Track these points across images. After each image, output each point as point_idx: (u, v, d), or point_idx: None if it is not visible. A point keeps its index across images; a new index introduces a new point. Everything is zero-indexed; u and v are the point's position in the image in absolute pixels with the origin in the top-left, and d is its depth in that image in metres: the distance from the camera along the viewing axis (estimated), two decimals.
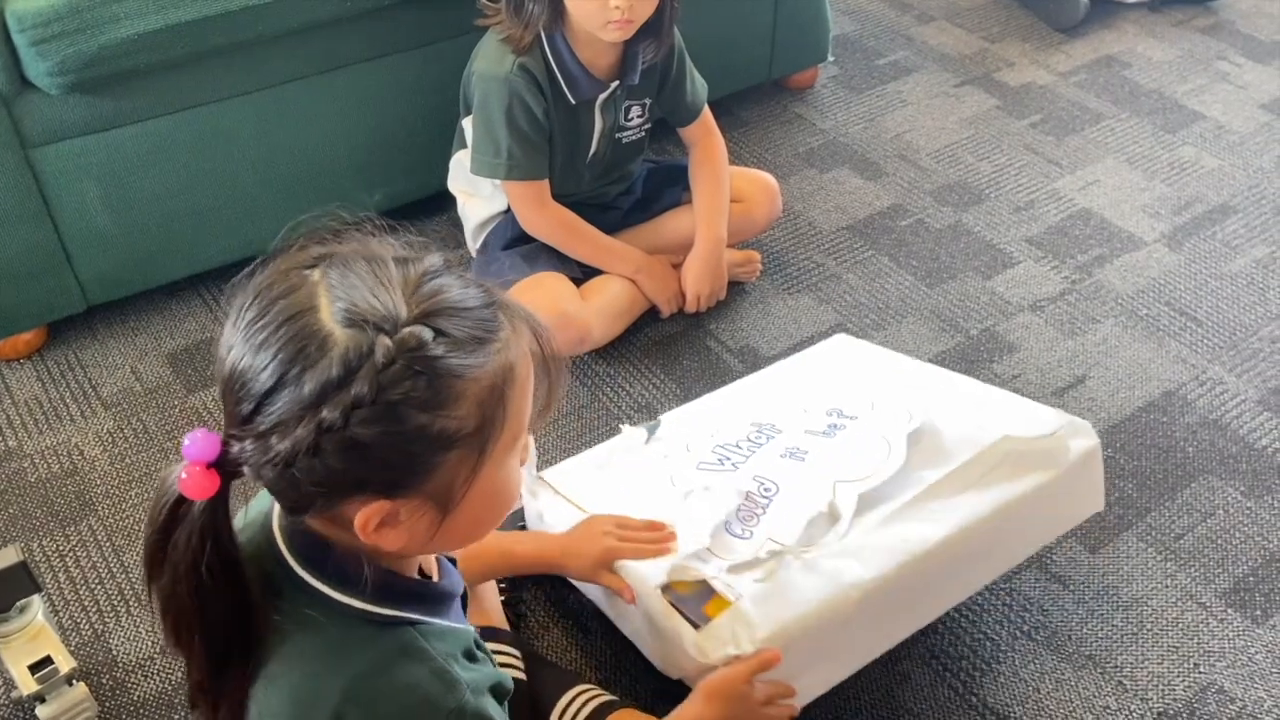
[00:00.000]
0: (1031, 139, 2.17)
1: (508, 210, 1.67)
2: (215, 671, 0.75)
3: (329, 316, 0.67)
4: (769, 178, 1.83)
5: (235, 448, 0.68)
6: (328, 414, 0.65)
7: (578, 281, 1.67)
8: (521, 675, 1.12)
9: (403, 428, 0.66)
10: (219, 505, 0.69)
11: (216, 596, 0.71)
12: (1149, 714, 1.25)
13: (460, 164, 1.69)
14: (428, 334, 0.67)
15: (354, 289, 0.67)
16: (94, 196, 1.58)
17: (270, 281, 0.70)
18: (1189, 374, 1.67)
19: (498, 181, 1.63)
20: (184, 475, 0.68)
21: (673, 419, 1.42)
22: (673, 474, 1.30)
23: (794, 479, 1.25)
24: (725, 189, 1.74)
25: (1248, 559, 1.41)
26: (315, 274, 0.69)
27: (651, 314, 1.75)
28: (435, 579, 0.85)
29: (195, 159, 1.64)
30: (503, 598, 1.29)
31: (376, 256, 0.70)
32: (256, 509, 0.81)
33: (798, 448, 1.30)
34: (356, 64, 1.70)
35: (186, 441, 0.68)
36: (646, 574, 1.16)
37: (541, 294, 1.61)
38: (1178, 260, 1.88)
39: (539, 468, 1.36)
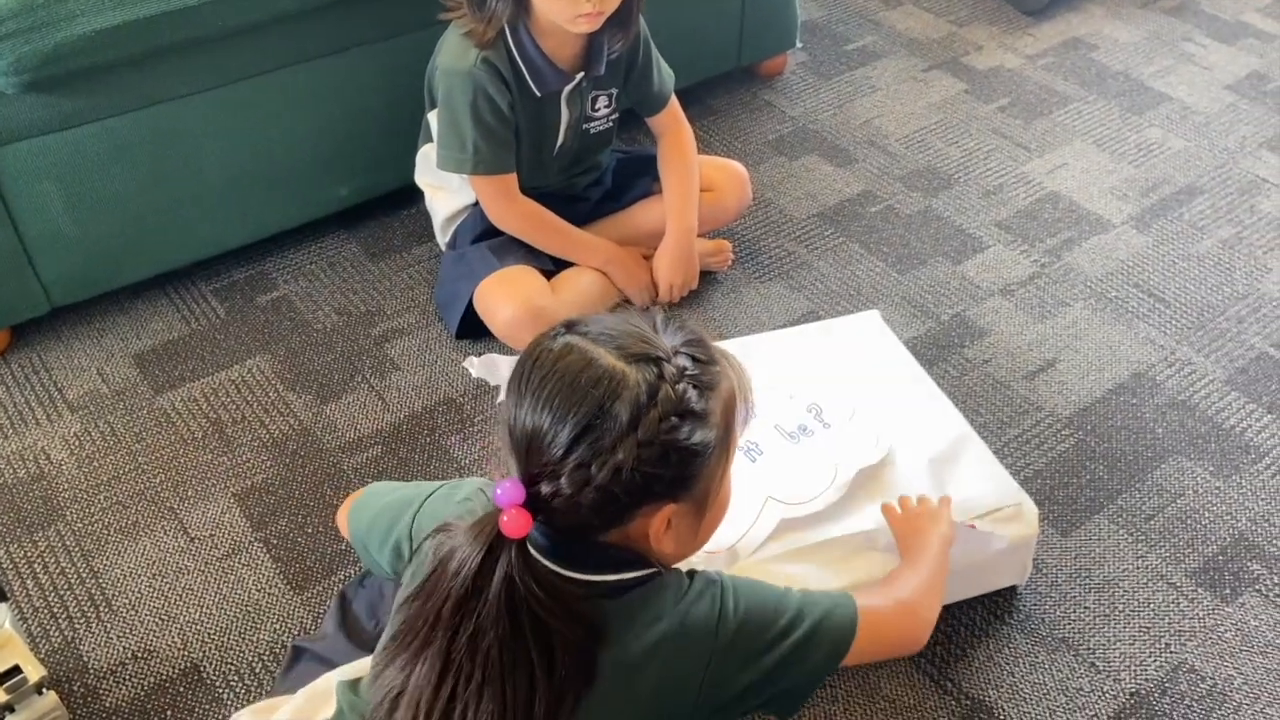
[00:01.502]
0: (1000, 123, 2.18)
1: (476, 203, 1.66)
2: (552, 707, 0.81)
3: (612, 359, 0.81)
4: (739, 166, 1.83)
5: (547, 488, 0.80)
6: (643, 432, 0.79)
7: (549, 274, 1.67)
8: None
9: (692, 432, 0.81)
10: (526, 544, 0.80)
11: (554, 625, 0.80)
12: (1122, 694, 1.26)
13: (427, 158, 1.67)
14: (687, 360, 0.83)
15: (616, 336, 0.83)
16: (54, 197, 1.56)
17: (537, 353, 0.83)
18: (1158, 355, 1.68)
19: (465, 175, 1.61)
20: (505, 519, 0.78)
21: None
22: None
23: (736, 478, 1.25)
24: (695, 178, 1.73)
25: (1217, 538, 1.43)
26: (571, 336, 0.83)
27: (623, 305, 1.74)
28: None
29: (157, 157, 1.61)
30: None
31: (616, 314, 0.88)
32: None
33: (757, 444, 1.32)
34: (320, 58, 1.68)
35: (498, 491, 0.79)
36: None
37: (512, 288, 1.60)
38: (1146, 242, 1.90)
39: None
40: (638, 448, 0.79)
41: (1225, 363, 1.67)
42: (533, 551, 0.82)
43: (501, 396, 1.47)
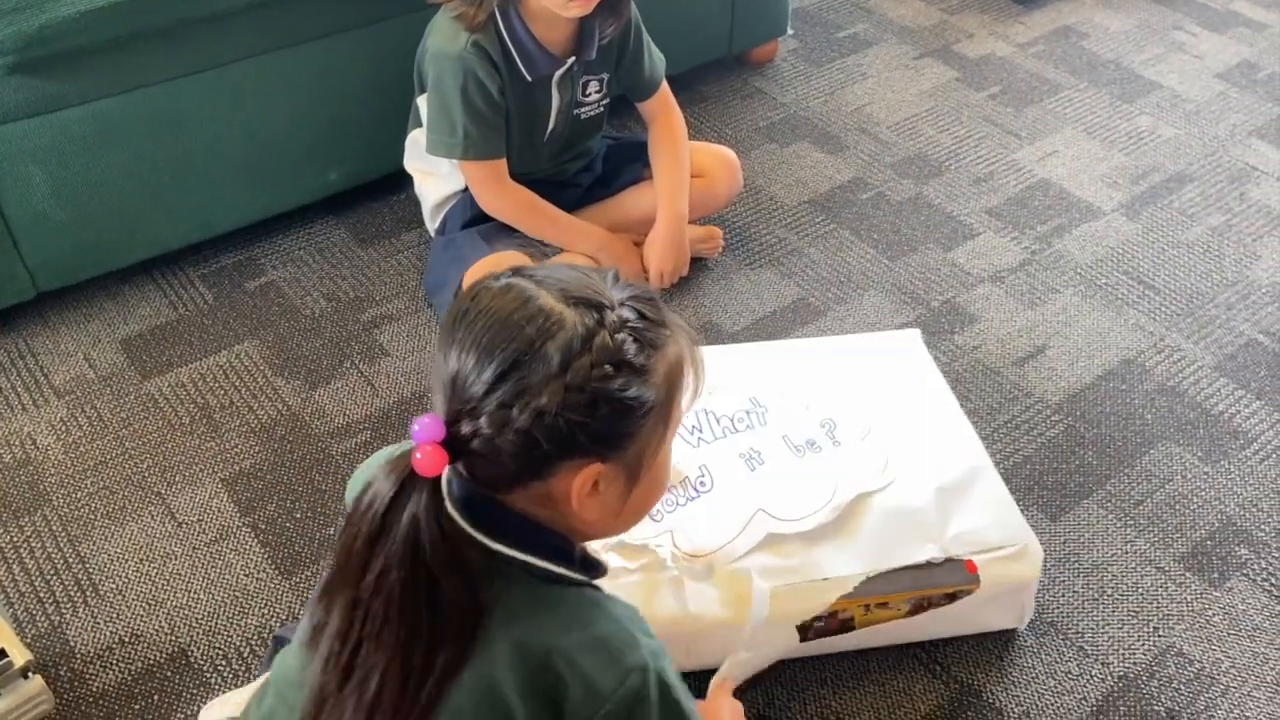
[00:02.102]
0: (991, 110, 2.18)
1: (466, 189, 1.65)
2: (422, 659, 0.77)
3: (552, 299, 0.77)
4: (729, 152, 1.82)
5: (466, 427, 0.75)
6: (572, 377, 0.74)
7: (539, 260, 1.66)
8: None
9: (626, 386, 0.77)
10: (439, 487, 0.76)
11: (444, 575, 0.76)
12: (1110, 678, 1.26)
13: (416, 143, 1.66)
14: (632, 313, 0.79)
15: (563, 280, 0.79)
16: (40, 180, 1.55)
17: (476, 292, 0.79)
18: (1147, 342, 1.69)
19: (455, 160, 1.61)
20: (418, 455, 0.74)
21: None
22: None
23: (731, 485, 1.27)
24: (685, 164, 1.73)
25: (1205, 523, 1.43)
26: (516, 279, 0.79)
27: None
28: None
29: (144, 140, 1.60)
30: None
31: (570, 262, 0.85)
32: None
33: (760, 453, 1.30)
34: (309, 41, 1.67)
35: (415, 427, 0.75)
36: None
37: None
38: (1135, 229, 1.90)
39: None
40: (565, 392, 0.75)
41: (1214, 349, 1.68)
42: (446, 501, 0.77)
43: None
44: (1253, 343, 1.69)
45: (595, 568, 0.87)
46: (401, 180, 1.82)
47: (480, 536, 0.79)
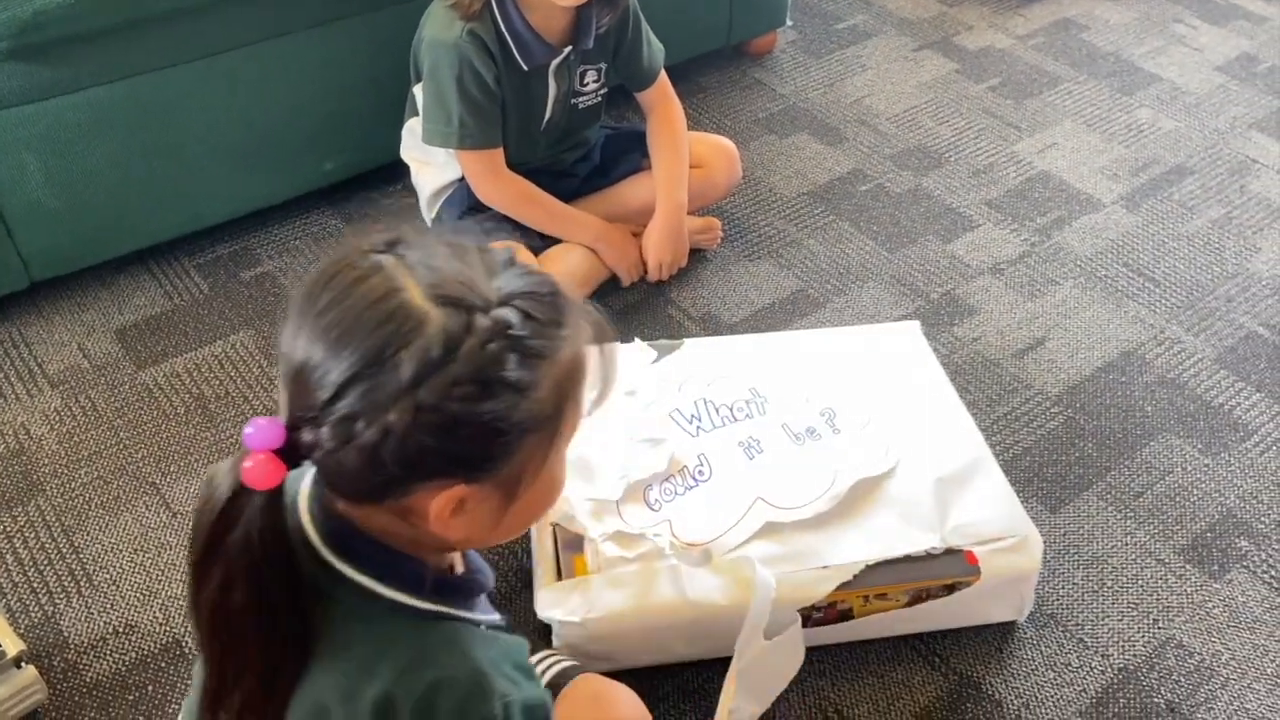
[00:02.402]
0: (990, 102, 2.17)
1: (463, 179, 1.64)
2: (267, 680, 0.71)
3: (418, 296, 0.65)
4: (728, 143, 1.82)
5: (308, 435, 0.66)
6: (424, 395, 0.63)
7: (536, 250, 1.65)
8: None
9: (496, 407, 0.66)
10: (278, 497, 0.67)
11: (277, 596, 0.69)
12: (1110, 670, 1.26)
13: (412, 132, 1.65)
14: (515, 315, 0.67)
15: (438, 269, 0.67)
16: (34, 168, 1.53)
17: (339, 268, 0.68)
18: (1147, 334, 1.68)
19: (451, 150, 1.60)
20: (248, 464, 0.65)
21: (693, 348, 1.44)
22: (643, 411, 1.32)
23: (729, 474, 1.26)
24: (684, 155, 1.72)
25: (1205, 515, 1.42)
26: (389, 258, 0.68)
27: (612, 283, 1.73)
28: (462, 573, 0.83)
29: (140, 129, 1.59)
30: None
31: (453, 240, 0.70)
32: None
33: (759, 441, 1.30)
34: (305, 29, 1.66)
35: (249, 429, 0.66)
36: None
37: None
38: (1135, 221, 1.89)
39: None
40: (416, 411, 0.63)
41: (1214, 341, 1.67)
42: (302, 513, 0.70)
43: None
44: (1253, 335, 1.68)
45: (457, 592, 0.78)
46: (398, 170, 1.80)
47: (327, 554, 0.72)
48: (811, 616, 1.19)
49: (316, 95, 1.72)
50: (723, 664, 1.23)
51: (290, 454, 0.67)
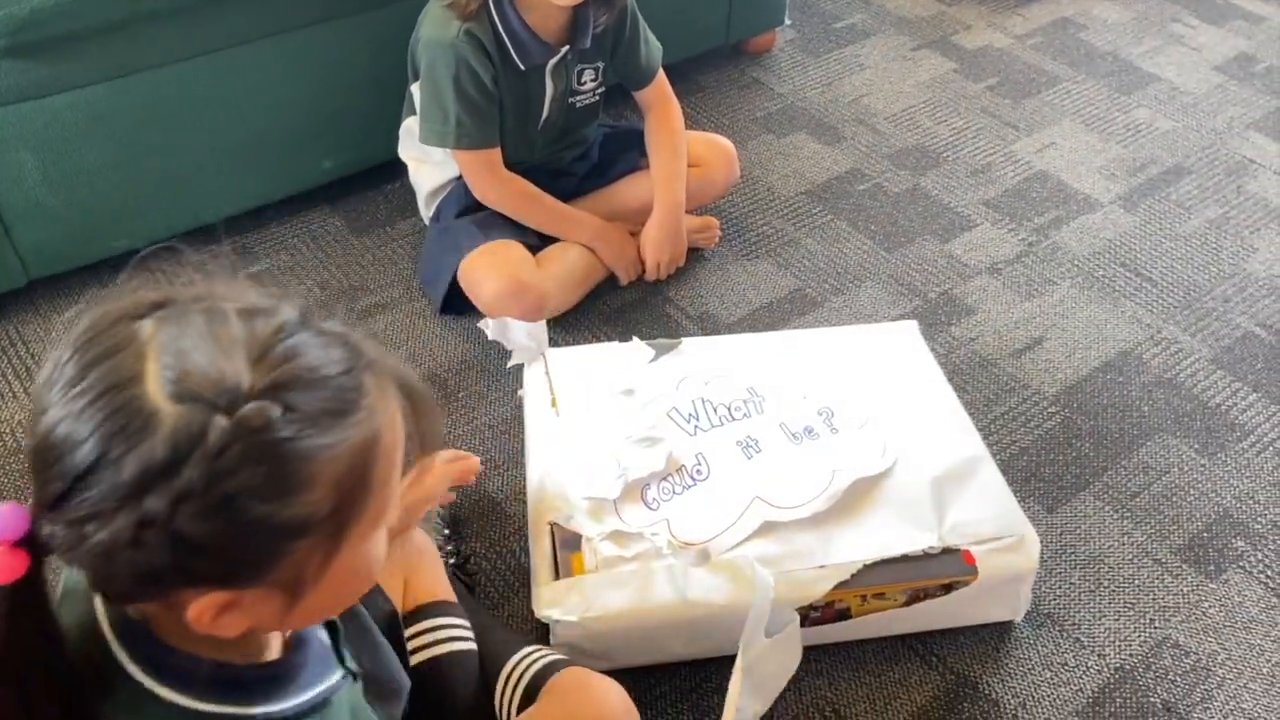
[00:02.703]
0: (988, 102, 2.17)
1: (460, 177, 1.64)
2: None
3: (156, 388, 0.57)
4: (726, 142, 1.81)
5: (45, 530, 0.58)
6: (151, 504, 0.55)
7: (534, 249, 1.65)
8: (472, 645, 1.10)
9: (240, 520, 0.57)
10: (33, 585, 0.59)
11: (44, 691, 0.62)
12: (1106, 669, 1.26)
13: (410, 131, 1.65)
14: (275, 411, 0.57)
15: (187, 353, 0.58)
16: (31, 166, 1.53)
17: (93, 334, 0.59)
18: (1144, 334, 1.68)
19: (449, 149, 1.59)
20: None
21: (691, 348, 1.44)
22: (641, 410, 1.32)
23: (727, 473, 1.26)
24: (682, 154, 1.72)
25: (1202, 515, 1.43)
26: (147, 328, 0.59)
27: (610, 282, 1.73)
28: (278, 655, 0.73)
29: (137, 127, 1.59)
30: (452, 560, 1.27)
31: (218, 309, 0.60)
32: (76, 577, 0.68)
33: (757, 440, 1.30)
34: (304, 27, 1.66)
35: None
36: (548, 506, 1.24)
37: (496, 262, 1.58)
38: (1133, 221, 1.89)
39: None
40: (139, 525, 0.56)
41: (1211, 341, 1.67)
42: (97, 598, 0.62)
43: (513, 362, 1.48)
44: (1249, 335, 1.68)
45: (247, 687, 0.67)
46: (396, 168, 1.80)
47: (114, 647, 0.64)
48: (809, 616, 1.19)
49: (315, 93, 1.72)
50: (720, 663, 1.23)
51: (35, 545, 0.59)
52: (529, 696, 1.03)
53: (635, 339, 1.45)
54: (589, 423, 1.32)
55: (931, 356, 1.46)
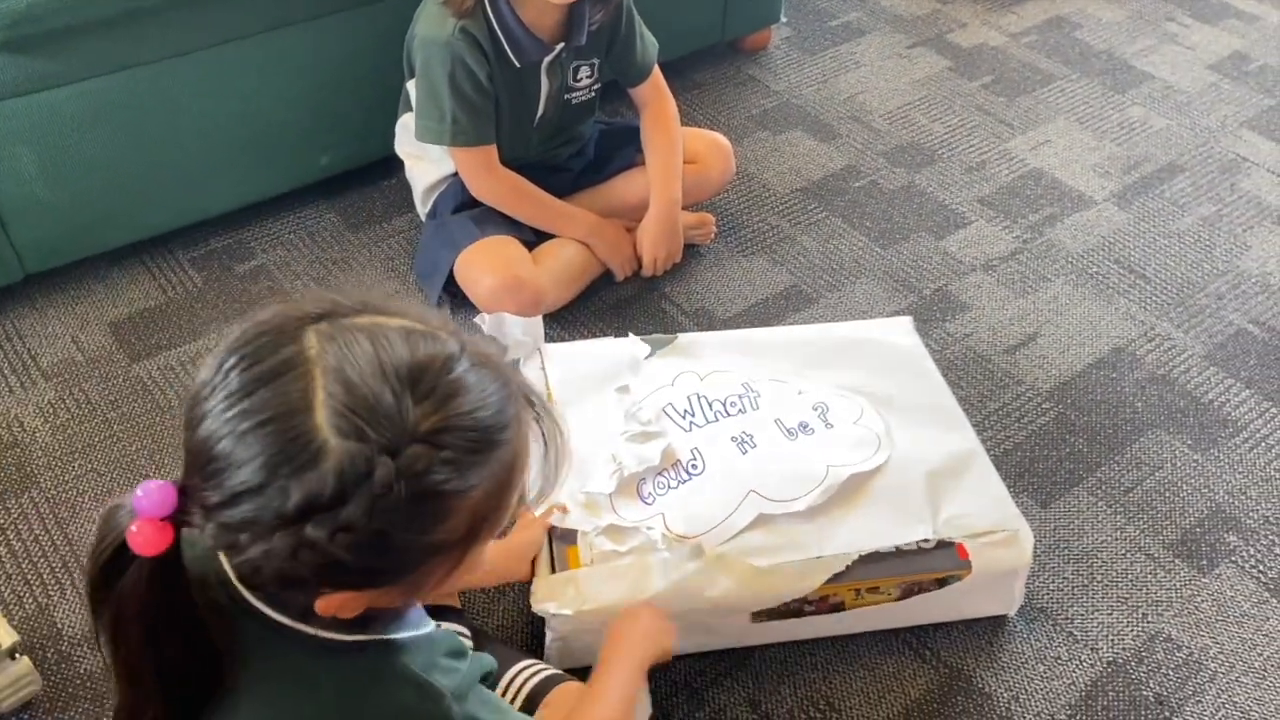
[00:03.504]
0: (983, 100, 2.18)
1: (457, 173, 1.64)
2: (174, 712, 0.69)
3: (324, 420, 0.59)
4: (722, 138, 1.82)
5: (196, 516, 0.62)
6: (312, 532, 0.59)
7: (530, 245, 1.65)
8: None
9: (387, 548, 0.62)
10: (172, 557, 0.63)
11: (170, 643, 0.66)
12: (1099, 664, 1.27)
13: (406, 127, 1.65)
14: (434, 455, 0.61)
15: (356, 384, 0.60)
16: (29, 160, 1.53)
17: (259, 344, 0.62)
18: (1138, 330, 1.69)
19: (445, 146, 1.60)
20: (134, 529, 0.61)
21: (686, 343, 1.44)
22: (638, 405, 1.33)
23: (722, 468, 1.27)
24: (678, 150, 1.72)
25: (1194, 510, 1.43)
26: (312, 344, 0.61)
27: (606, 277, 1.73)
28: None
29: (135, 121, 1.59)
30: None
31: (381, 331, 0.63)
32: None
33: (752, 435, 1.30)
34: (302, 22, 1.66)
35: (139, 492, 0.62)
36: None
37: (493, 258, 1.59)
38: (1127, 219, 1.90)
39: None
40: (298, 546, 0.59)
41: (1204, 338, 1.68)
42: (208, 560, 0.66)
43: (509, 357, 1.49)
44: (1242, 332, 1.69)
45: (380, 619, 0.71)
46: (393, 164, 1.81)
47: (244, 591, 0.67)
48: (804, 609, 1.20)
49: (312, 89, 1.72)
50: (715, 657, 1.24)
51: (181, 519, 0.63)
52: (527, 710, 1.04)
53: (631, 335, 1.46)
54: (585, 418, 1.33)
55: (926, 352, 1.47)
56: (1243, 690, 1.24)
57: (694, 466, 1.27)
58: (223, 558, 0.68)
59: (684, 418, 1.33)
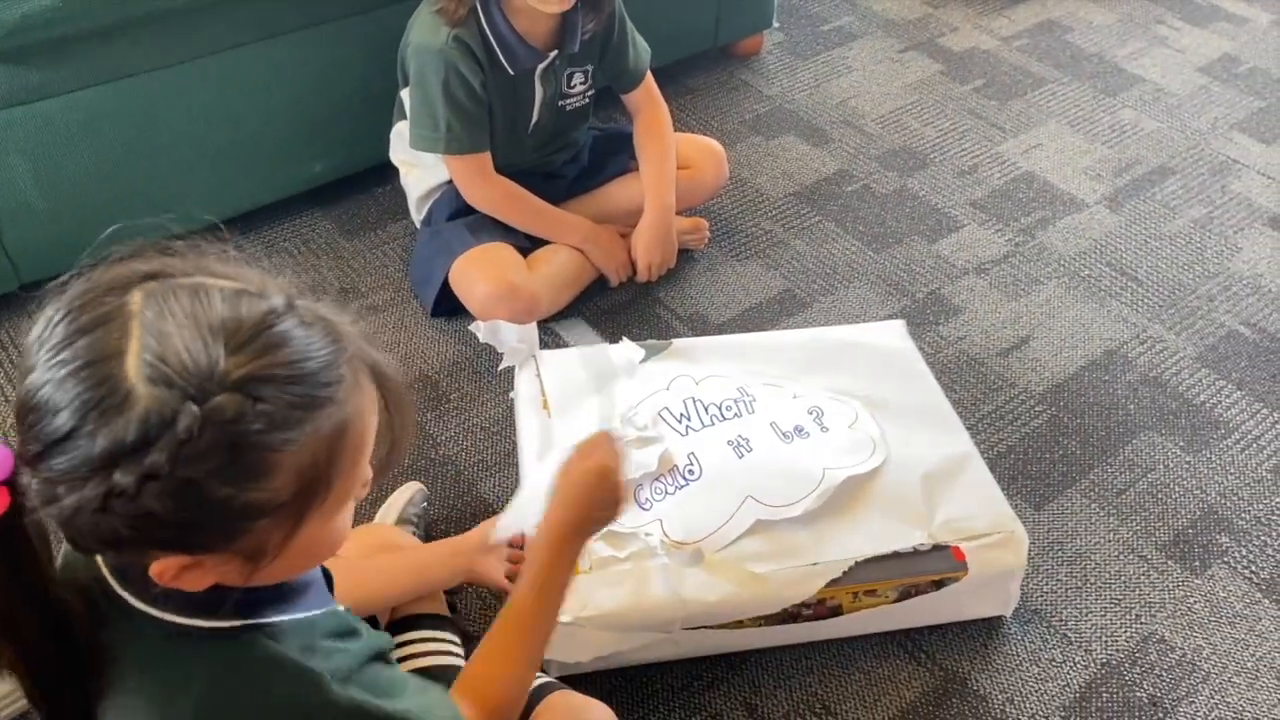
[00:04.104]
0: (975, 104, 2.19)
1: (451, 181, 1.65)
2: (46, 693, 0.68)
3: (135, 368, 0.58)
4: (715, 143, 1.83)
5: (23, 478, 0.61)
6: (119, 478, 0.58)
7: (525, 251, 1.66)
8: (461, 662, 1.11)
9: (201, 501, 0.59)
10: (16, 523, 0.62)
11: (28, 622, 0.65)
12: (1093, 665, 1.27)
13: (401, 135, 1.66)
14: (246, 404, 0.59)
15: (170, 335, 0.59)
16: (22, 170, 1.54)
17: (85, 300, 0.61)
18: (1130, 333, 1.70)
19: (439, 154, 1.60)
20: None
21: (681, 348, 1.44)
22: (634, 410, 1.33)
23: (719, 473, 1.27)
24: (671, 156, 1.73)
25: (1187, 512, 1.44)
26: (135, 299, 0.61)
27: (600, 283, 1.74)
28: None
29: (128, 131, 1.59)
30: None
31: (205, 288, 0.62)
32: None
33: (748, 440, 1.31)
34: (294, 31, 1.66)
35: None
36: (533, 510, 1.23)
37: (488, 264, 1.59)
38: (1118, 221, 1.91)
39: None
40: (108, 495, 0.58)
41: (1196, 340, 1.69)
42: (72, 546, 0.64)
43: (504, 364, 1.49)
44: (1234, 334, 1.70)
45: (265, 602, 0.70)
46: (387, 172, 1.81)
47: (112, 582, 0.67)
48: (801, 613, 1.21)
49: (304, 97, 1.73)
50: (713, 661, 1.25)
51: (16, 489, 0.61)
52: None
53: (625, 339, 1.46)
54: (581, 424, 1.33)
55: (920, 355, 1.47)
56: (1235, 690, 1.25)
57: (690, 472, 1.27)
58: (102, 571, 0.67)
59: (680, 422, 1.34)
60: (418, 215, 1.73)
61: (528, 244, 1.68)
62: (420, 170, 1.68)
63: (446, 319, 1.68)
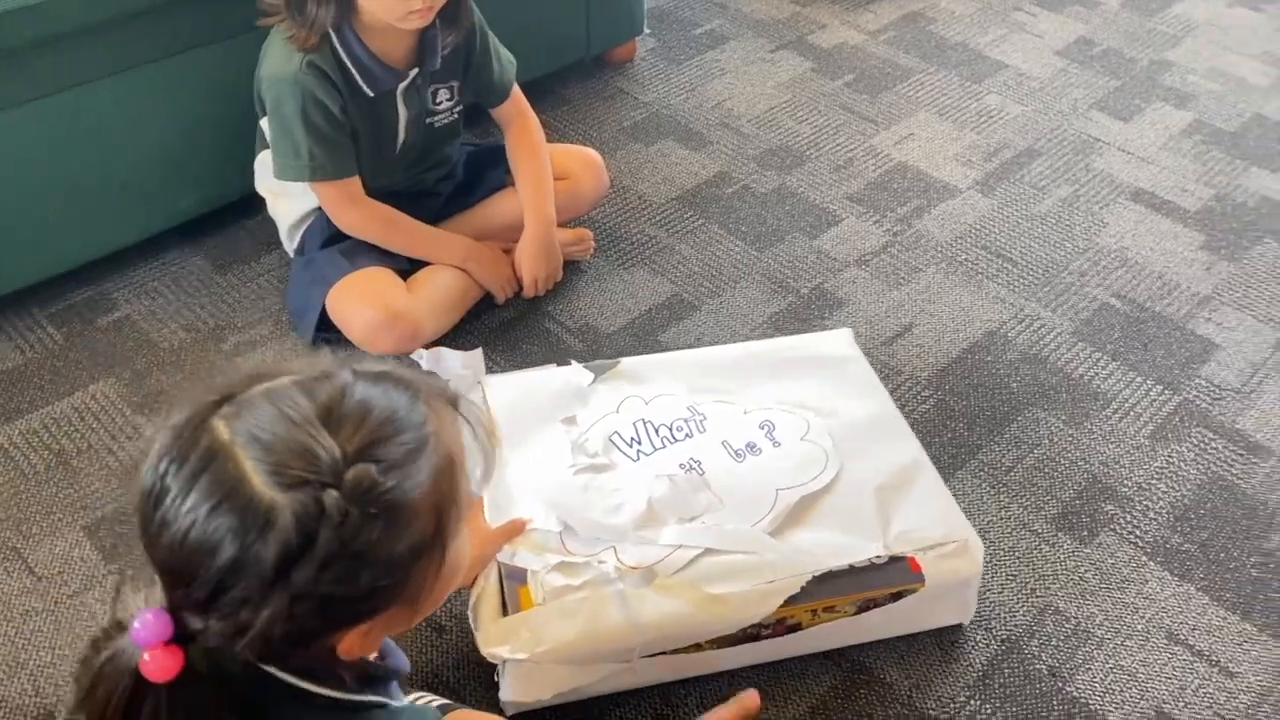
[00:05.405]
0: (847, 99, 2.22)
1: (321, 207, 1.61)
2: None
3: (261, 484, 0.65)
4: (592, 152, 1.82)
5: (195, 623, 0.66)
6: (298, 578, 0.64)
7: (404, 274, 1.63)
8: None
9: (373, 564, 0.67)
10: (187, 678, 0.66)
11: None
12: (994, 642, 1.29)
13: (265, 164, 1.61)
14: (372, 469, 0.66)
15: (271, 445, 0.65)
16: None
17: (178, 448, 0.67)
18: (1008, 313, 1.74)
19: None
20: (146, 659, 0.65)
21: (630, 368, 1.41)
22: (585, 436, 1.31)
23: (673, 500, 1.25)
24: (547, 168, 1.71)
25: (1072, 483, 1.48)
26: (222, 431, 0.67)
27: (486, 301, 1.72)
28: (379, 658, 0.85)
29: None
30: None
31: (274, 392, 0.69)
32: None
33: (700, 462, 1.29)
34: (151, 62, 1.60)
35: (136, 625, 0.65)
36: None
37: (367, 291, 1.56)
38: (990, 205, 1.96)
39: None
40: (292, 601, 0.65)
41: (1071, 315, 1.74)
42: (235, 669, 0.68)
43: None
44: (1105, 306, 1.76)
45: (378, 680, 0.79)
46: (255, 202, 1.76)
47: (276, 671, 0.71)
48: (760, 633, 1.19)
49: (164, 131, 1.67)
50: (677, 686, 1.22)
51: (183, 636, 0.66)
52: None
53: (574, 362, 1.42)
54: (530, 454, 1.29)
55: (867, 362, 1.46)
56: (1128, 653, 1.29)
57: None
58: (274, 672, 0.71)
59: (631, 446, 1.30)
60: (290, 245, 1.69)
61: (408, 266, 1.64)
62: (288, 199, 1.64)
63: (333, 350, 1.63)
